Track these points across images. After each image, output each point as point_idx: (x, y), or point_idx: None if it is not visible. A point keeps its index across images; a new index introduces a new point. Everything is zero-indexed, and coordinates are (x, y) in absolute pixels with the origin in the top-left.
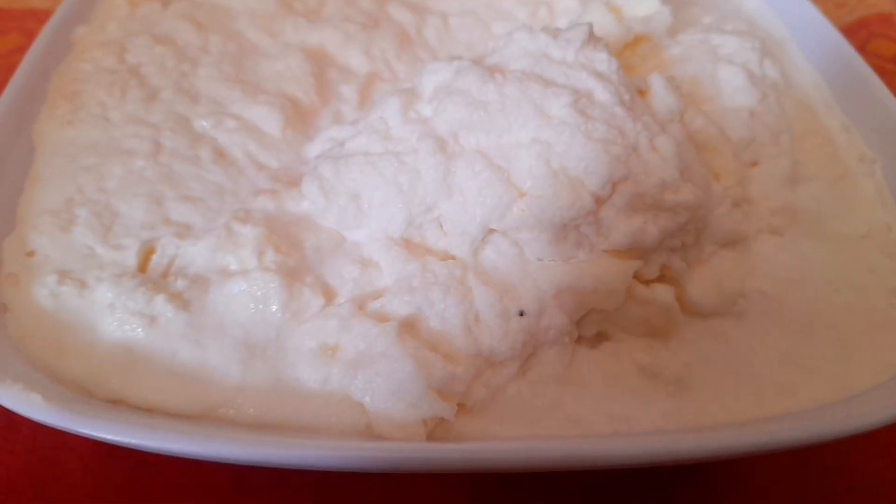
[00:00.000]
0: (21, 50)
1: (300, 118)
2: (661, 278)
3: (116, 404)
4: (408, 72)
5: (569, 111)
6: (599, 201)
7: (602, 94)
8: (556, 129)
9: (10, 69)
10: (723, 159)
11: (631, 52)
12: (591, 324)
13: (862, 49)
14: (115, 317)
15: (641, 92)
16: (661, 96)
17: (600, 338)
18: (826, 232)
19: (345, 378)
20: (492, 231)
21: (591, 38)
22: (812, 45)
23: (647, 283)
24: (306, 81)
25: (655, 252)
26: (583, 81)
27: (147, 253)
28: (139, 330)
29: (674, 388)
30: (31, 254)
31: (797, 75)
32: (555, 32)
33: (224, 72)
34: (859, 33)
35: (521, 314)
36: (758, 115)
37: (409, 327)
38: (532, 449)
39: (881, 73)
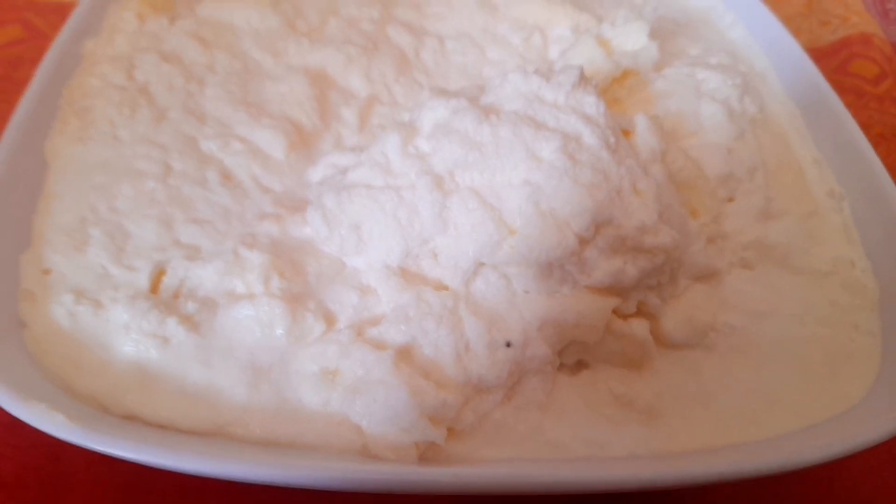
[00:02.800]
0: (20, 42)
1: (303, 141)
2: (638, 313)
3: (131, 420)
4: (405, 95)
5: (558, 155)
6: (583, 242)
7: (589, 137)
8: (545, 172)
9: (9, 61)
10: (700, 197)
11: (619, 85)
12: (572, 353)
13: (843, 69)
14: (130, 337)
15: (626, 132)
16: (644, 137)
17: (580, 366)
18: (795, 266)
19: (344, 402)
20: (482, 264)
21: (582, 80)
22: (790, 77)
23: (624, 317)
24: (309, 105)
25: (634, 290)
26: (572, 125)
27: (158, 274)
28: (153, 350)
29: (646, 417)
30: (47, 272)
31: (775, 108)
32: (547, 75)
33: (230, 92)
34: (841, 52)
35: (508, 345)
36: (735, 152)
37: (404, 355)
38: (514, 475)
39: (860, 94)
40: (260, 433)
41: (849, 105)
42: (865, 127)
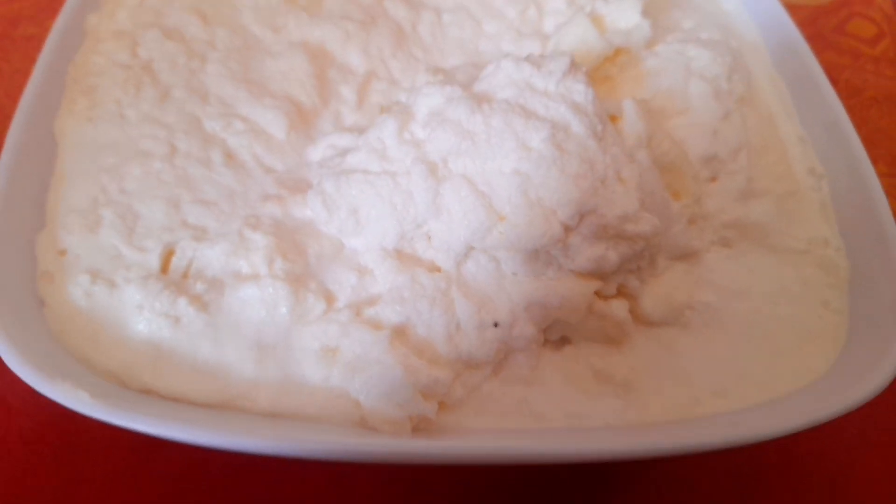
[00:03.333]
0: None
1: (303, 120)
2: (618, 293)
3: (148, 394)
4: (402, 70)
5: (546, 145)
6: (568, 230)
7: (577, 126)
8: (534, 162)
9: (8, 18)
10: (683, 180)
11: (610, 63)
12: (556, 330)
13: (842, 29)
14: (143, 317)
15: (613, 118)
16: (631, 122)
17: (563, 341)
18: (772, 245)
19: (344, 378)
20: (473, 248)
21: (572, 68)
22: (781, 53)
23: (605, 298)
24: (309, 83)
25: (615, 273)
26: (561, 113)
27: (168, 254)
28: (165, 329)
29: (622, 390)
30: (62, 252)
31: (764, 83)
32: (538, 62)
33: (231, 69)
34: (840, 11)
35: (496, 325)
36: (720, 133)
37: (399, 334)
38: (498, 447)
39: (856, 55)
40: (266, 406)
41: (844, 67)
42: (859, 90)
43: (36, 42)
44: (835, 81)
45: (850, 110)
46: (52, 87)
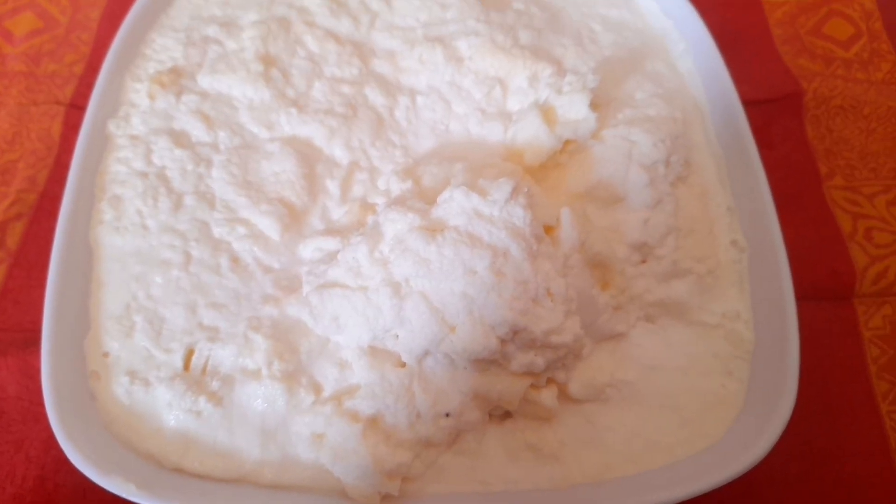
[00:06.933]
0: (38, 33)
1: (294, 220)
2: (549, 381)
3: (179, 472)
4: (381, 158)
5: (488, 273)
6: (504, 342)
7: (515, 250)
8: (478, 286)
9: (30, 56)
10: (612, 274)
11: (560, 151)
12: (499, 408)
13: (818, 30)
14: (172, 413)
15: (550, 229)
16: (567, 231)
17: (505, 415)
18: (690, 320)
19: (328, 461)
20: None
21: (514, 193)
22: (722, 119)
23: (537, 388)
24: (298, 184)
25: (544, 371)
26: (502, 239)
27: (189, 354)
28: (190, 422)
29: (550, 460)
30: (105, 354)
31: (703, 153)
32: (485, 190)
33: (232, 175)
34: (819, 10)
35: (447, 415)
36: (651, 221)
37: (371, 423)
38: None
39: (829, 60)
40: (271, 479)
41: (815, 75)
42: (826, 99)
43: (59, 80)
44: (804, 91)
45: (816, 120)
46: (85, 195)
